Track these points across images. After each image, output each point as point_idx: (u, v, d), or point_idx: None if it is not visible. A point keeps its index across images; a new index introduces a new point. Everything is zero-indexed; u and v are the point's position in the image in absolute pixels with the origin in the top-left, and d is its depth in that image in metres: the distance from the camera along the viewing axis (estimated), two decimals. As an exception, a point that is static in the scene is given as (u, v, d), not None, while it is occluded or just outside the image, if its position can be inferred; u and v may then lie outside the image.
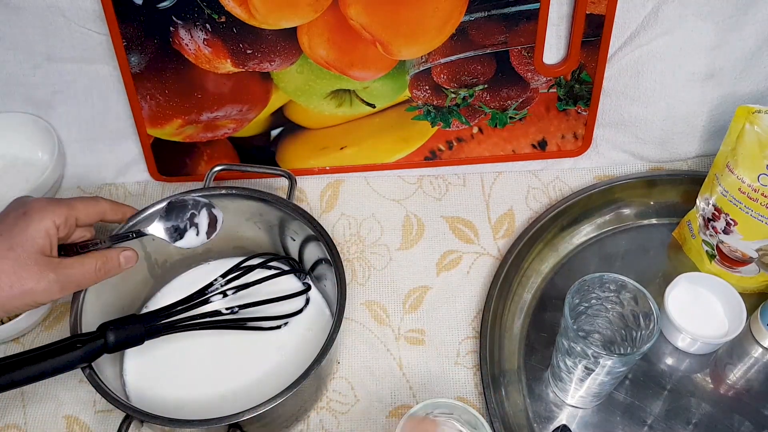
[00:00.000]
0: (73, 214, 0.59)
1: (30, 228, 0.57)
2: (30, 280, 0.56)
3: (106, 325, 0.59)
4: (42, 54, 0.72)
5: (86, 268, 0.59)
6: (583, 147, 0.82)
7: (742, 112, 0.65)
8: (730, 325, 0.68)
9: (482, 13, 0.70)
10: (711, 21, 0.71)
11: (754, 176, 0.63)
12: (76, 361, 0.56)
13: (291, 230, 0.69)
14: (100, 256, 0.60)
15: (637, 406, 0.66)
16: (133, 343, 0.60)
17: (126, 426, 0.57)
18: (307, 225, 0.66)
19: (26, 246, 0.56)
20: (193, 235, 0.64)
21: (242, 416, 0.55)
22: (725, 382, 0.68)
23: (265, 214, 0.69)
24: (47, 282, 0.56)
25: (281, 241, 0.72)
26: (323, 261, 0.67)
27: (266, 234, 0.72)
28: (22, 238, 0.56)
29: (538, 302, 0.73)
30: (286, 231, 0.70)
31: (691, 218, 0.74)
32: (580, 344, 0.56)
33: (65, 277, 0.58)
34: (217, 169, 0.71)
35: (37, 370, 0.55)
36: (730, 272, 0.71)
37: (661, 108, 0.78)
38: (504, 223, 0.79)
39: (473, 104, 0.77)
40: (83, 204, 0.61)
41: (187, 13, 0.68)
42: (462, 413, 0.57)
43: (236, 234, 0.71)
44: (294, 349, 0.68)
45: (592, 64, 0.74)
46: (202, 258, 0.74)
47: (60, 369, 0.56)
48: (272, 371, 0.67)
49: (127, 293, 0.69)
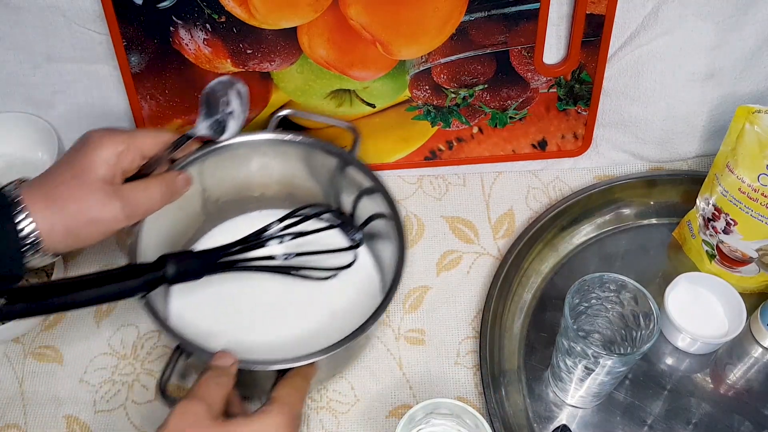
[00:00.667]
0: (135, 144, 0.58)
1: (89, 157, 0.56)
2: (95, 207, 0.55)
3: (165, 257, 0.58)
4: (42, 54, 0.72)
5: (151, 193, 0.59)
6: (583, 147, 0.82)
7: (742, 112, 0.65)
8: (730, 325, 0.68)
9: (482, 13, 0.70)
10: (711, 21, 0.71)
11: (754, 176, 0.63)
12: (136, 289, 0.56)
13: (348, 183, 0.69)
14: (162, 180, 0.60)
15: (637, 406, 0.66)
16: (190, 278, 0.60)
17: (176, 358, 0.56)
18: (368, 178, 0.66)
19: (89, 174, 0.55)
20: (232, 123, 0.65)
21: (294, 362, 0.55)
22: (725, 382, 0.68)
23: (326, 165, 0.69)
24: (113, 209, 0.55)
25: (335, 195, 0.72)
26: (378, 216, 0.67)
27: (322, 186, 0.71)
28: (84, 166, 0.55)
29: (538, 302, 0.73)
30: (342, 184, 0.70)
31: (691, 218, 0.74)
32: (580, 344, 0.56)
33: (131, 204, 0.57)
34: (281, 114, 0.70)
35: (98, 293, 0.55)
36: (730, 272, 0.71)
37: (661, 108, 0.78)
38: (504, 223, 0.79)
39: (473, 104, 0.77)
40: (145, 133, 0.60)
41: (187, 13, 0.68)
42: (461, 413, 0.57)
43: (292, 183, 0.71)
44: (340, 309, 0.68)
45: (592, 64, 0.74)
46: (254, 205, 0.74)
47: (120, 295, 0.56)
48: (317, 329, 0.67)
49: (179, 230, 0.69)
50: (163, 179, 0.60)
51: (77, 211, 0.54)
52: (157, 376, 0.68)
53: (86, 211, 0.54)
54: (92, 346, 0.71)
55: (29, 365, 0.69)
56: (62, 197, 0.54)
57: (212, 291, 0.67)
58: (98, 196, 0.55)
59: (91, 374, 0.69)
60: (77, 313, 0.73)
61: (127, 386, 0.68)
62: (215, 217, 0.73)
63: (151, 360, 0.70)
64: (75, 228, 0.54)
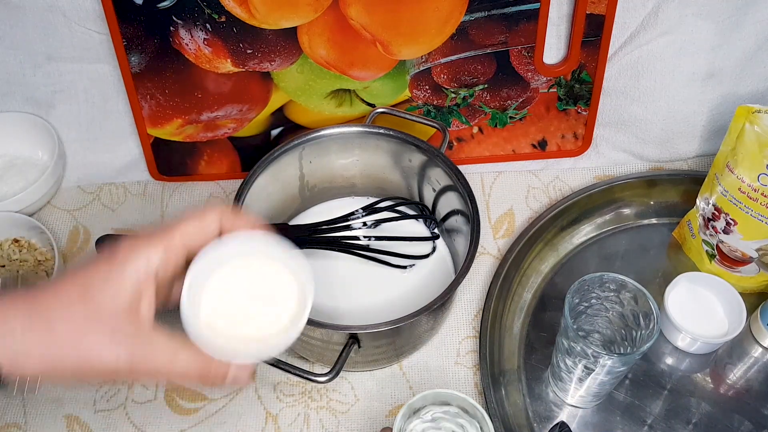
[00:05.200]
0: (177, 244, 0.44)
1: (113, 276, 0.42)
2: (94, 346, 0.42)
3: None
4: (42, 54, 0.72)
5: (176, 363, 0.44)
6: (583, 147, 0.82)
7: (742, 112, 0.65)
8: (729, 324, 0.68)
9: (482, 12, 0.70)
10: (711, 21, 0.71)
11: (754, 176, 0.63)
12: None
13: (432, 178, 0.72)
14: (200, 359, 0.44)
15: (636, 405, 0.66)
16: None
17: None
18: (452, 175, 0.68)
19: (104, 300, 0.42)
20: None
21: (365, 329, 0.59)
22: (725, 381, 0.68)
23: (414, 160, 0.72)
24: (115, 355, 0.42)
25: (419, 189, 0.75)
26: (457, 213, 0.70)
27: (408, 180, 0.75)
28: (102, 288, 0.42)
29: (538, 302, 0.73)
30: (427, 179, 0.73)
31: (691, 218, 0.74)
32: (580, 344, 0.56)
33: (143, 359, 0.43)
34: (377, 111, 0.75)
35: None
36: (730, 272, 0.71)
37: (661, 108, 0.78)
38: (504, 223, 0.79)
39: (473, 104, 0.77)
40: (188, 226, 0.45)
41: (187, 13, 0.68)
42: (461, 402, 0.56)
43: (381, 175, 0.76)
44: (413, 289, 0.72)
45: (593, 63, 0.74)
46: (345, 192, 0.79)
47: None
48: (389, 307, 0.71)
49: (278, 207, 0.74)
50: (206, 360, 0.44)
51: (70, 342, 0.42)
52: (157, 375, 0.69)
53: (82, 347, 0.42)
54: (92, 345, 0.71)
55: (29, 365, 0.69)
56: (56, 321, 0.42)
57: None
58: (104, 333, 0.42)
59: (91, 374, 0.69)
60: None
61: (127, 386, 0.68)
62: (310, 200, 0.78)
63: (151, 360, 0.70)
64: (58, 361, 0.42)
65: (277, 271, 0.47)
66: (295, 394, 0.68)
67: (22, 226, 0.75)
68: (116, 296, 0.42)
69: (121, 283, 0.42)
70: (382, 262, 0.72)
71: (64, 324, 0.42)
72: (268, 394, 0.68)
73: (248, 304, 0.46)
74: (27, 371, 0.42)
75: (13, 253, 0.74)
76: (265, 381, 0.68)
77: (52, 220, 0.79)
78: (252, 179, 0.67)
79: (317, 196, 0.78)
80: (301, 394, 0.68)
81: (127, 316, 0.42)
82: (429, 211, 0.76)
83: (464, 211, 0.68)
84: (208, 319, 0.45)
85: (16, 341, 0.41)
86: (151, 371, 0.44)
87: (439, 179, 0.71)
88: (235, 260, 0.46)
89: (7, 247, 0.75)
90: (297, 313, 0.46)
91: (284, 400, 0.67)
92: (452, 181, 0.69)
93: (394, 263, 0.72)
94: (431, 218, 0.75)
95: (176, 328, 0.44)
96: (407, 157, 0.72)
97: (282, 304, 0.46)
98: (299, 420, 0.66)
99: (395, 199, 0.76)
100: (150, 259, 0.43)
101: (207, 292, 0.45)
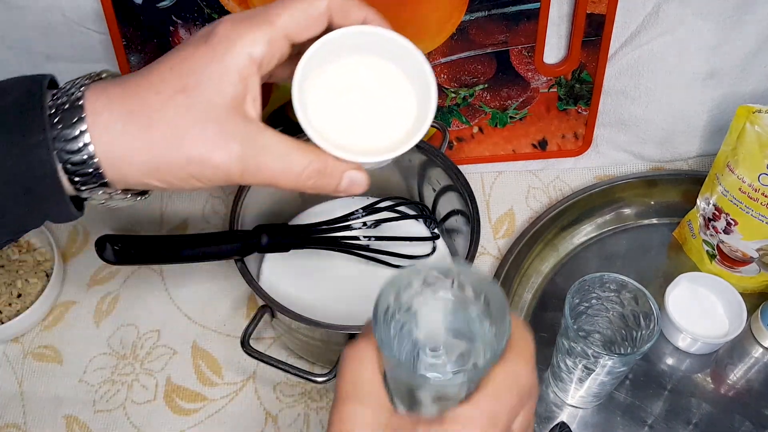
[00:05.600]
0: (279, 36, 0.38)
1: (215, 65, 0.37)
2: (203, 143, 0.37)
3: (261, 228, 0.64)
4: (42, 54, 0.72)
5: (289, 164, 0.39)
6: (584, 147, 0.81)
7: (742, 112, 0.65)
8: (730, 325, 0.68)
9: (482, 12, 0.70)
10: (712, 20, 0.71)
11: (754, 176, 0.63)
12: (233, 252, 0.61)
13: (433, 179, 0.72)
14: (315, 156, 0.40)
15: (637, 406, 0.66)
16: (281, 249, 0.66)
17: (259, 316, 0.61)
18: (451, 176, 0.69)
19: (208, 90, 0.37)
20: None
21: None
22: (726, 382, 0.68)
23: (414, 160, 0.72)
24: (228, 153, 0.37)
25: (419, 189, 0.76)
26: (457, 213, 0.70)
27: (408, 180, 0.76)
28: (204, 76, 0.37)
29: (539, 302, 0.73)
30: (427, 179, 0.73)
31: (691, 218, 0.73)
32: (580, 344, 0.56)
33: (256, 158, 0.38)
34: None
35: (200, 251, 0.60)
36: (731, 272, 0.71)
37: (661, 107, 0.78)
38: (504, 223, 0.79)
39: (473, 104, 0.77)
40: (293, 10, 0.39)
41: (187, 13, 0.68)
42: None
43: (381, 175, 0.75)
44: None
45: (593, 63, 0.74)
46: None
47: (218, 255, 0.62)
48: None
49: (276, 207, 0.74)
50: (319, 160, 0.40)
51: (171, 144, 0.37)
52: (157, 375, 0.69)
53: (187, 146, 0.37)
54: (92, 345, 0.71)
55: (29, 365, 0.69)
56: (155, 116, 0.37)
57: (299, 263, 0.72)
58: (212, 128, 0.37)
59: (90, 374, 0.69)
60: (76, 314, 0.73)
61: (126, 386, 0.68)
62: (310, 200, 0.78)
63: (151, 360, 0.70)
64: (163, 164, 0.37)
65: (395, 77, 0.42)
66: (295, 394, 0.68)
67: (22, 226, 0.75)
68: (220, 87, 0.37)
69: (224, 73, 0.37)
70: (382, 263, 0.72)
71: (167, 118, 0.36)
72: (267, 394, 0.68)
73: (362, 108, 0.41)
74: (130, 177, 0.38)
75: (12, 253, 0.74)
76: (265, 381, 0.68)
77: (51, 220, 0.79)
78: (252, 179, 0.68)
79: (317, 196, 0.78)
80: (301, 394, 0.68)
81: (234, 110, 0.37)
82: (429, 211, 0.76)
83: (464, 211, 0.68)
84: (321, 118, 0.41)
85: (116, 142, 0.36)
86: (265, 173, 0.39)
87: (439, 179, 0.71)
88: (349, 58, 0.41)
89: (6, 248, 0.75)
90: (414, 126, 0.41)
91: (284, 401, 0.67)
92: (452, 181, 0.69)
93: (394, 263, 0.72)
94: (431, 218, 0.75)
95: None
96: (407, 157, 0.71)
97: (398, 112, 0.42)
98: (299, 421, 0.66)
99: (395, 199, 0.76)
100: (254, 49, 0.37)
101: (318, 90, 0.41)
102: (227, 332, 0.72)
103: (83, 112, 0.37)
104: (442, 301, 0.38)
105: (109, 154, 0.37)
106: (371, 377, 0.35)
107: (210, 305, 0.73)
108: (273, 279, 0.72)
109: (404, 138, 0.42)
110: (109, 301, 0.74)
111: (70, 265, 0.76)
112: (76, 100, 0.37)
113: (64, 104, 0.37)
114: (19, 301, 0.70)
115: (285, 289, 0.71)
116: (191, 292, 0.74)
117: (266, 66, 0.39)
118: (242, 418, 0.66)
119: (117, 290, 0.74)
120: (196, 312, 0.73)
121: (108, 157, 0.37)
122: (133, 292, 0.74)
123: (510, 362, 0.35)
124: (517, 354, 0.35)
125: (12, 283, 0.71)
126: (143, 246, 0.61)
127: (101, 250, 0.59)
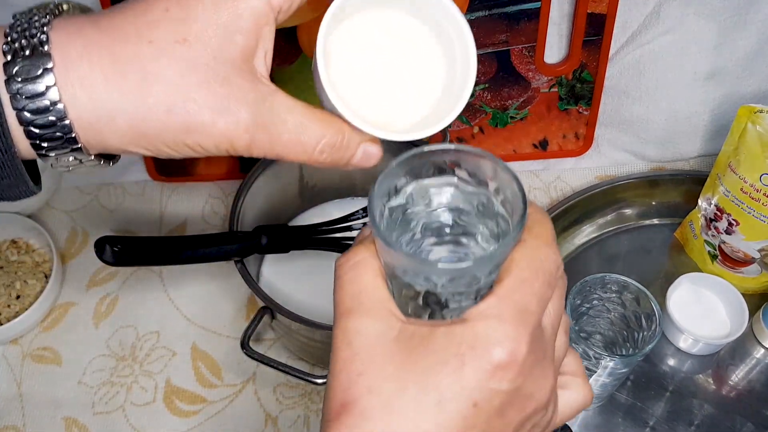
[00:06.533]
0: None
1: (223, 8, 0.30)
2: (208, 110, 0.30)
3: (261, 228, 0.64)
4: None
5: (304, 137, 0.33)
6: (585, 147, 0.81)
7: (744, 112, 0.65)
8: (732, 325, 0.68)
9: (483, 12, 0.69)
10: (713, 20, 0.71)
11: (756, 176, 0.63)
12: (232, 253, 0.61)
13: None
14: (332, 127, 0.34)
15: (638, 407, 0.66)
16: (281, 250, 0.66)
17: (259, 317, 0.61)
18: None
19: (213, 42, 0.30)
20: None
21: None
22: (727, 383, 0.68)
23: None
24: (234, 118, 0.31)
25: None
26: None
27: None
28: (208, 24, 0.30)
29: (539, 303, 0.73)
30: None
31: (693, 218, 0.73)
32: (581, 345, 0.56)
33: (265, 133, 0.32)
34: None
35: (200, 252, 0.60)
36: (732, 273, 0.71)
37: (662, 107, 0.78)
38: (505, 224, 0.79)
39: (474, 104, 0.77)
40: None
41: None
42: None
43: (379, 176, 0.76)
44: None
45: (594, 63, 0.74)
46: (345, 192, 0.79)
47: (218, 256, 0.62)
48: None
49: (276, 207, 0.74)
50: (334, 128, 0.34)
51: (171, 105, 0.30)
52: (156, 377, 0.69)
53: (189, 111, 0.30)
54: (91, 347, 0.70)
55: (28, 367, 0.69)
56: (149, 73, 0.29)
57: (299, 264, 0.72)
58: (219, 90, 0.30)
59: (89, 376, 0.69)
60: (75, 315, 0.72)
61: (125, 388, 0.68)
62: (310, 201, 0.78)
63: (150, 361, 0.69)
64: (154, 129, 0.30)
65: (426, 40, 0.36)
66: (295, 396, 0.67)
67: (20, 227, 0.75)
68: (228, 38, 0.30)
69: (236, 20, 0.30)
70: None
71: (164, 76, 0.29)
72: (267, 396, 0.67)
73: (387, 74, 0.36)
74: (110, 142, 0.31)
75: (11, 255, 0.74)
76: (265, 383, 0.68)
77: (50, 221, 0.79)
78: (251, 180, 0.68)
79: (317, 197, 0.78)
80: (301, 396, 0.67)
81: (244, 67, 0.31)
82: None
83: None
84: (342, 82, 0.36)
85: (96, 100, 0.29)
86: (276, 147, 0.33)
87: None
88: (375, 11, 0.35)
89: (5, 249, 0.74)
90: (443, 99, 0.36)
91: (284, 402, 0.67)
92: None
93: None
94: None
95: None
96: None
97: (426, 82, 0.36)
98: (299, 422, 0.66)
99: None
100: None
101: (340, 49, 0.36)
102: (227, 333, 0.71)
103: (50, 62, 0.29)
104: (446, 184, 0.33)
105: (86, 114, 0.29)
106: (373, 283, 0.30)
107: (210, 306, 0.73)
108: (273, 280, 0.72)
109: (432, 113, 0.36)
110: (109, 302, 0.73)
111: (69, 267, 0.76)
112: (39, 44, 0.29)
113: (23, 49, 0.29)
114: (18, 302, 0.70)
115: (285, 291, 0.71)
116: (191, 294, 0.74)
117: (285, 12, 0.32)
118: (242, 420, 0.66)
119: (116, 291, 0.74)
120: (196, 313, 0.73)
121: (84, 118, 0.29)
122: (132, 294, 0.74)
123: (530, 245, 0.30)
124: (537, 236, 0.31)
125: (11, 284, 0.71)
126: (142, 247, 0.61)
127: (100, 251, 0.58)
